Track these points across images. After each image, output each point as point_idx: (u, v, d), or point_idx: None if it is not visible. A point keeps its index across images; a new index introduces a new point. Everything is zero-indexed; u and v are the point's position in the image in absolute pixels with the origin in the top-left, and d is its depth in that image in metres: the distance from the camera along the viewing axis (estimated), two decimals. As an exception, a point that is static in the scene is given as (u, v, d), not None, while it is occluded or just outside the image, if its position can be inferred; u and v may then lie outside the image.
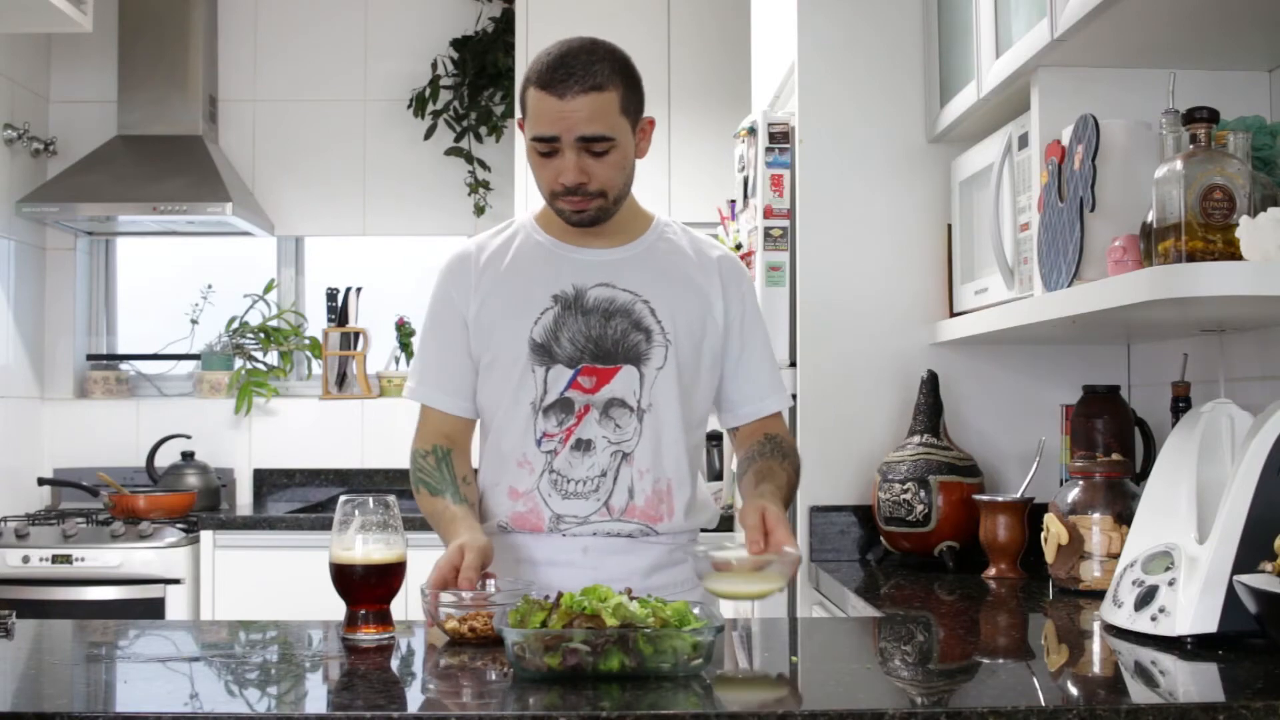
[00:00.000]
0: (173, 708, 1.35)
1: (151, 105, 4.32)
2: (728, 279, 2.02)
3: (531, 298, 1.93)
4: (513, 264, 1.97)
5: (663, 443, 1.94)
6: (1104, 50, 2.09)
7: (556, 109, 1.82)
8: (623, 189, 1.92)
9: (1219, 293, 1.61)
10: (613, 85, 1.84)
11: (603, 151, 1.85)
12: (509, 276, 1.96)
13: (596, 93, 1.82)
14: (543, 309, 1.92)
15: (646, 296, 1.94)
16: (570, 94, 1.81)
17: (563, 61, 1.83)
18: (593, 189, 1.87)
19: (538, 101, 1.84)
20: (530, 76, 1.87)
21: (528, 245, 1.99)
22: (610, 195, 1.89)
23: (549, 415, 1.92)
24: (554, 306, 1.92)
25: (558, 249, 1.97)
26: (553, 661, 1.40)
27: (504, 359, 1.94)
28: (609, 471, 1.92)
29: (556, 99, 1.82)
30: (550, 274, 1.94)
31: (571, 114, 1.82)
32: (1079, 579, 2.12)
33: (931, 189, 2.79)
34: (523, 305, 1.93)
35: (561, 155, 1.85)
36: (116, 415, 4.48)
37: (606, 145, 1.85)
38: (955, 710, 1.30)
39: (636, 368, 1.92)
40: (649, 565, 1.94)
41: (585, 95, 1.82)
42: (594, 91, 1.82)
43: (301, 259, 4.72)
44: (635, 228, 2.00)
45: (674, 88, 4.07)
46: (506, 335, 1.93)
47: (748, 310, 2.04)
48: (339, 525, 1.67)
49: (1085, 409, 2.43)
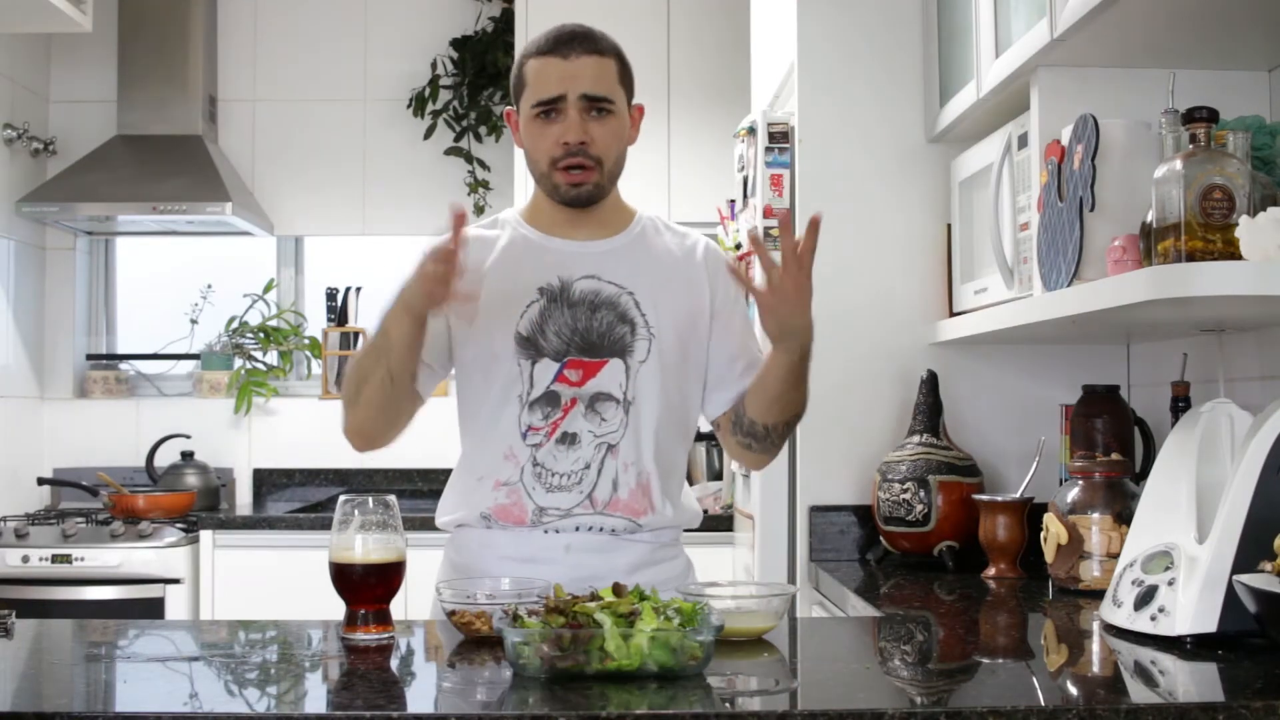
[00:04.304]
0: (173, 708, 1.35)
1: (151, 105, 4.32)
2: (713, 268, 2.01)
3: (517, 291, 1.92)
4: (498, 258, 1.96)
5: (645, 436, 1.92)
6: (1104, 50, 2.09)
7: (560, 69, 1.87)
8: (616, 165, 1.94)
9: (1219, 292, 1.61)
10: (612, 55, 1.92)
11: (604, 113, 1.89)
12: (494, 271, 1.95)
13: (599, 56, 1.89)
14: (529, 302, 1.92)
15: (632, 289, 1.93)
16: (574, 55, 1.88)
17: (561, 31, 1.90)
18: (593, 153, 1.89)
19: (540, 67, 1.89)
20: (528, 50, 1.92)
21: (513, 239, 1.98)
22: (605, 166, 1.91)
23: (535, 409, 1.91)
24: (540, 299, 1.91)
25: (544, 241, 1.97)
26: (553, 661, 1.40)
27: (489, 353, 1.93)
28: (593, 464, 1.91)
29: (560, 59, 1.88)
30: (536, 267, 1.94)
31: (577, 72, 1.87)
32: (1078, 579, 2.12)
33: (931, 189, 2.79)
34: (508, 299, 1.92)
35: (564, 115, 1.88)
36: (116, 415, 4.48)
37: (609, 107, 1.89)
38: (955, 710, 1.30)
39: (622, 360, 1.91)
40: (631, 564, 1.92)
41: (589, 56, 1.88)
42: (596, 55, 1.89)
43: (301, 259, 4.72)
44: (620, 221, 2.00)
45: (674, 88, 4.07)
46: (493, 329, 1.91)
47: (729, 299, 2.02)
48: (339, 525, 1.67)
49: (1085, 409, 2.43)
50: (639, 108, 1.97)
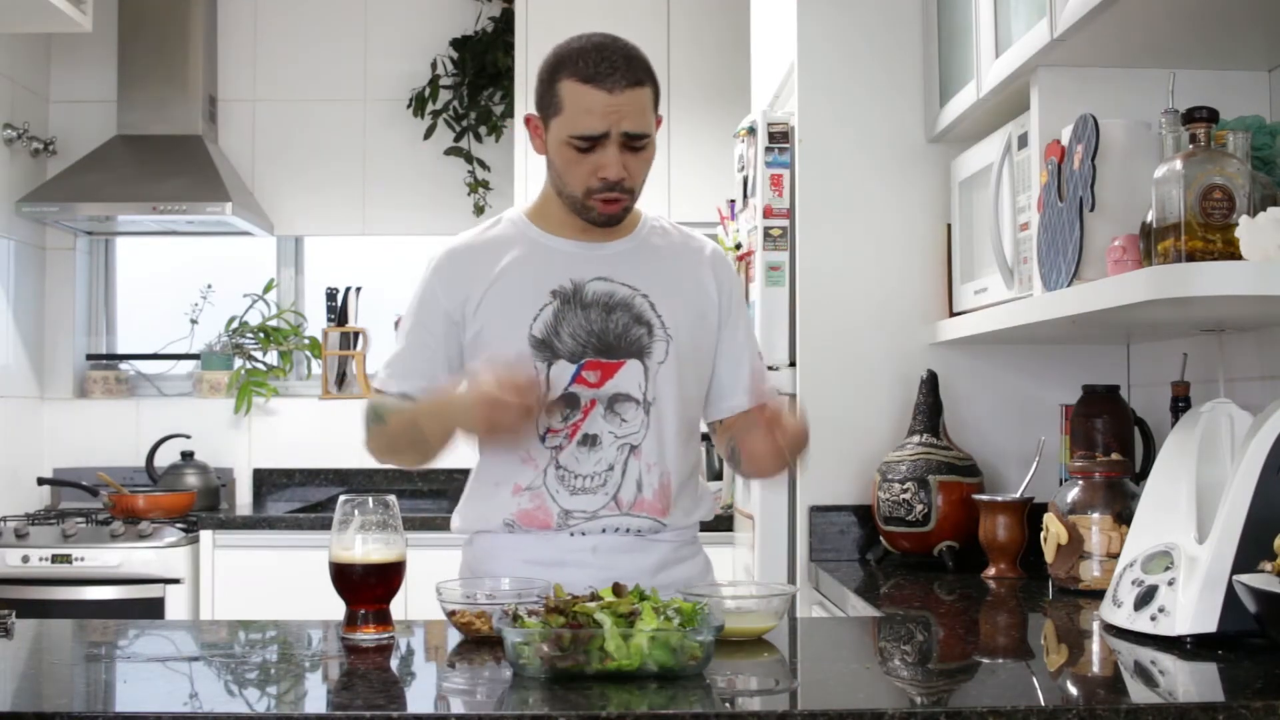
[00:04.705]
0: (173, 708, 1.35)
1: (151, 105, 4.32)
2: (720, 272, 2.02)
3: (529, 294, 1.92)
4: (511, 260, 1.95)
5: (667, 436, 1.93)
6: (1104, 50, 2.09)
7: (604, 104, 1.80)
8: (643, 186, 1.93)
9: (1219, 292, 1.61)
10: (649, 82, 1.85)
11: (641, 148, 1.85)
12: (505, 274, 1.94)
13: (639, 88, 1.82)
14: (542, 304, 1.91)
15: (645, 290, 1.93)
16: (619, 88, 1.80)
17: (603, 55, 1.81)
18: (627, 185, 1.86)
19: (580, 95, 1.81)
20: (565, 66, 1.83)
21: (523, 241, 1.97)
22: (636, 193, 1.90)
23: (553, 411, 1.90)
24: (553, 302, 1.91)
25: (553, 243, 1.96)
26: (553, 661, 1.40)
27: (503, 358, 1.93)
28: (616, 465, 1.91)
29: (605, 93, 1.80)
30: (547, 269, 1.93)
31: (621, 109, 1.80)
32: (1078, 579, 2.12)
33: (931, 189, 2.79)
34: (521, 302, 1.92)
35: (603, 150, 1.83)
36: (116, 415, 4.48)
37: (645, 142, 1.85)
38: (955, 710, 1.30)
39: (641, 361, 1.91)
40: (656, 563, 1.94)
41: (632, 90, 1.81)
42: (638, 87, 1.82)
43: (301, 259, 4.72)
44: (628, 223, 1.99)
45: (674, 88, 4.07)
46: (506, 333, 1.91)
47: (735, 304, 2.03)
48: (339, 525, 1.67)
49: (1085, 409, 2.43)
50: (659, 118, 1.92)
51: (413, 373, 1.95)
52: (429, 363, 1.95)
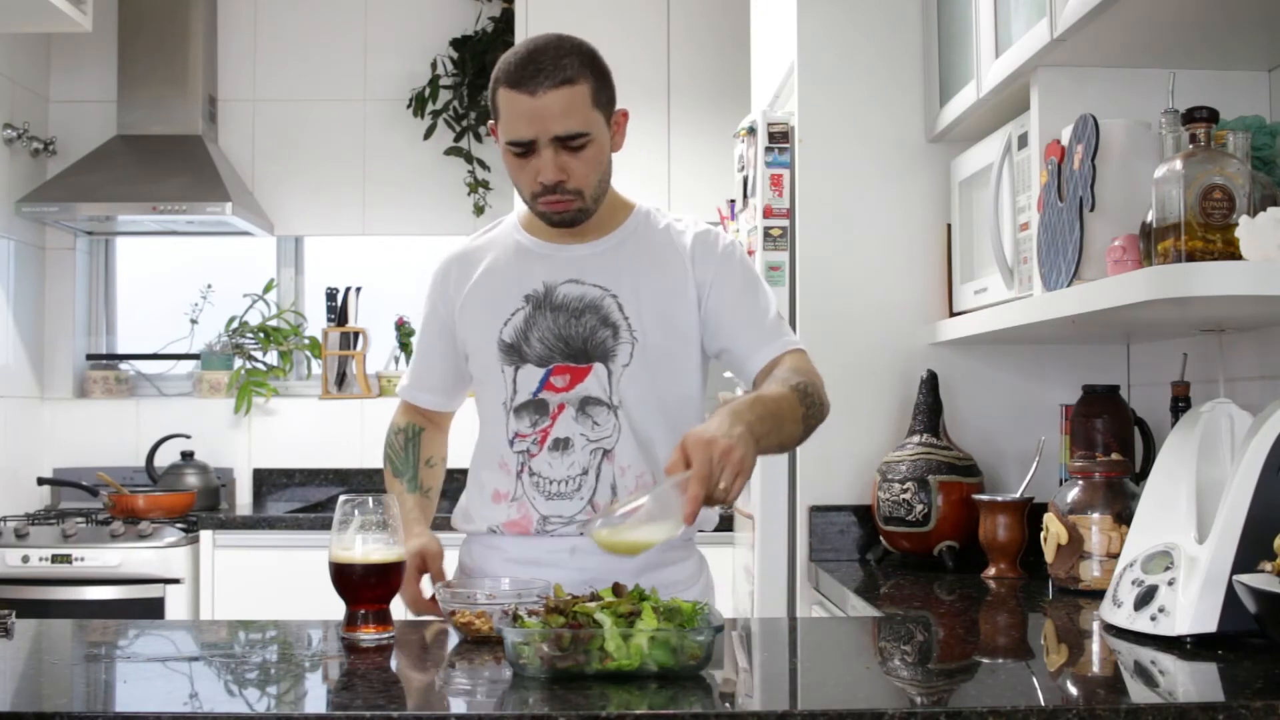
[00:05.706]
0: (173, 708, 1.35)
1: (151, 105, 4.32)
2: (698, 256, 1.95)
3: (502, 299, 1.94)
4: (490, 265, 1.98)
5: (641, 439, 1.91)
6: (1104, 50, 2.09)
7: (529, 107, 1.79)
8: (599, 186, 1.89)
9: (1218, 292, 1.61)
10: (583, 78, 1.81)
11: (579, 147, 1.83)
12: (485, 278, 1.97)
13: (568, 86, 1.79)
14: (514, 309, 1.92)
15: (615, 290, 1.91)
16: (542, 90, 1.78)
17: (531, 58, 1.80)
18: (570, 187, 1.85)
19: (510, 103, 1.81)
20: (499, 77, 1.83)
21: (507, 245, 1.99)
22: (587, 194, 1.87)
23: (521, 415, 1.92)
24: (525, 306, 1.92)
25: (535, 247, 1.96)
26: (553, 661, 1.40)
27: (479, 359, 1.96)
28: (590, 469, 1.90)
29: (528, 97, 1.79)
30: (524, 273, 1.94)
31: (545, 111, 1.79)
32: (1078, 579, 2.12)
33: (931, 189, 2.79)
34: (494, 307, 1.94)
35: (538, 155, 1.82)
36: (116, 415, 4.48)
37: (583, 141, 1.82)
38: (955, 710, 1.30)
39: (605, 365, 1.90)
40: (637, 566, 1.90)
41: (557, 90, 1.79)
42: (565, 86, 1.79)
43: (301, 259, 4.72)
44: (613, 221, 1.97)
45: (674, 88, 4.06)
46: (481, 336, 1.95)
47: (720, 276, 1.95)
48: (338, 525, 1.67)
49: (1085, 409, 2.43)
50: (622, 113, 1.90)
51: (420, 384, 2.09)
52: (432, 373, 2.07)
